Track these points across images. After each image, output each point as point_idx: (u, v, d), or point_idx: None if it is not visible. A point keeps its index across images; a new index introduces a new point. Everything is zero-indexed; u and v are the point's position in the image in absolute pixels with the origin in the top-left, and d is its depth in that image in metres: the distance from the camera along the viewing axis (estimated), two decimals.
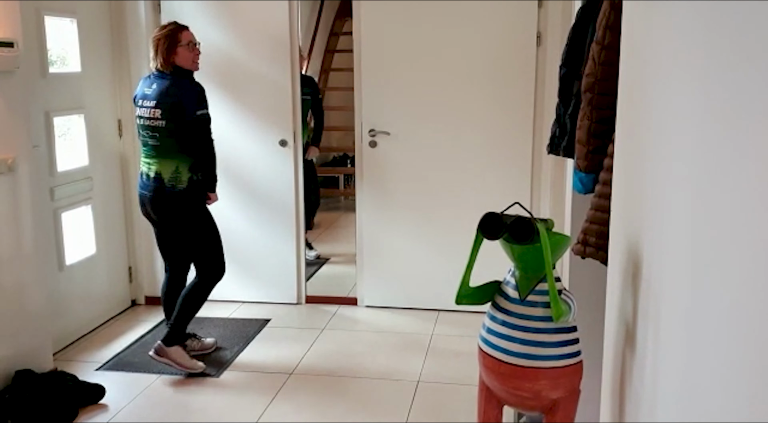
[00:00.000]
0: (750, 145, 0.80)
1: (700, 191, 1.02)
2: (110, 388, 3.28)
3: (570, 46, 2.23)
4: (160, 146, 3.31)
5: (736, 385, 0.83)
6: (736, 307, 0.84)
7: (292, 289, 4.47)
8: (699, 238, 1.02)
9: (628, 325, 1.62)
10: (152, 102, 3.29)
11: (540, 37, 3.98)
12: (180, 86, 3.28)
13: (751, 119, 0.80)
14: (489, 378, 2.11)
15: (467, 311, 4.13)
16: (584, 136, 1.98)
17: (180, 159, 3.31)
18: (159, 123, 3.30)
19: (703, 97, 1.02)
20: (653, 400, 1.32)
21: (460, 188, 4.19)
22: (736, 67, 0.86)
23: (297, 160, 4.34)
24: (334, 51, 7.69)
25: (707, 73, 1.00)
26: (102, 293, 4.20)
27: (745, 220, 0.81)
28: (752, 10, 0.80)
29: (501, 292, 2.10)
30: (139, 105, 3.36)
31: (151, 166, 3.35)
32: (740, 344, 0.82)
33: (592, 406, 2.28)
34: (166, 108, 3.26)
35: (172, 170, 3.31)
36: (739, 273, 0.83)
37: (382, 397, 3.25)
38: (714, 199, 0.94)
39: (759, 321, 0.75)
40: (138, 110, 3.37)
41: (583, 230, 1.98)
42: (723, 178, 0.90)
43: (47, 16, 3.67)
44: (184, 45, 3.31)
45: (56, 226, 3.78)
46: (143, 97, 3.34)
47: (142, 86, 3.39)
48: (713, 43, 0.97)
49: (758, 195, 0.77)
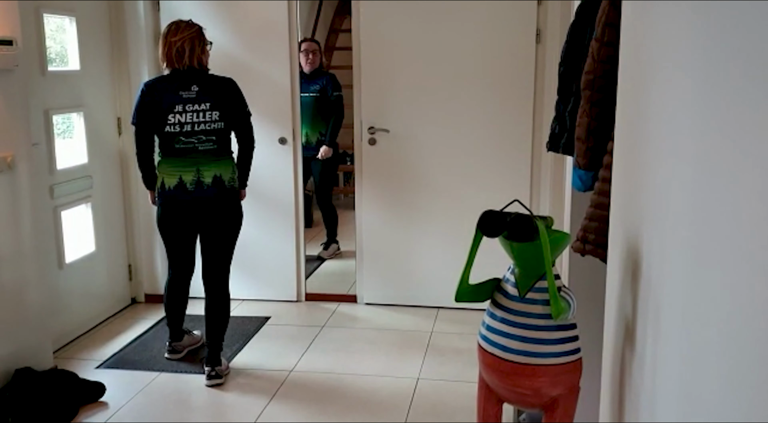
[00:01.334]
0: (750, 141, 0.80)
1: (699, 188, 1.02)
2: (110, 386, 3.28)
3: (569, 44, 2.23)
4: (218, 149, 3.25)
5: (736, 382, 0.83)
6: (736, 304, 0.84)
7: (291, 287, 4.47)
8: (699, 236, 1.02)
9: (628, 323, 1.62)
10: (206, 103, 3.19)
11: (539, 34, 3.98)
12: (229, 84, 3.30)
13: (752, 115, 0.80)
14: (489, 375, 2.11)
15: (467, 309, 4.13)
16: (584, 133, 1.98)
17: (231, 158, 3.36)
18: (217, 125, 3.22)
19: (702, 94, 1.02)
20: (653, 397, 1.32)
21: (459, 185, 4.19)
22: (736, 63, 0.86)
23: (296, 158, 4.35)
24: (334, 48, 7.69)
25: (707, 69, 1.00)
26: (102, 291, 4.20)
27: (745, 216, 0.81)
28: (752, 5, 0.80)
29: (500, 289, 2.10)
30: (178, 111, 3.16)
31: (204, 171, 3.22)
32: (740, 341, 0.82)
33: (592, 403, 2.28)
34: (226, 107, 3.24)
35: (230, 170, 3.31)
36: (738, 270, 0.83)
37: (382, 394, 3.25)
38: (714, 196, 0.94)
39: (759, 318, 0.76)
40: (176, 117, 3.17)
41: (583, 228, 1.98)
42: (723, 175, 0.90)
43: (46, 14, 3.67)
44: (209, 44, 3.35)
45: (56, 224, 3.78)
46: (185, 102, 3.17)
47: (167, 91, 3.18)
48: (713, 39, 0.97)
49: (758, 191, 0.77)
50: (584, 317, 2.34)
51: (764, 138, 0.75)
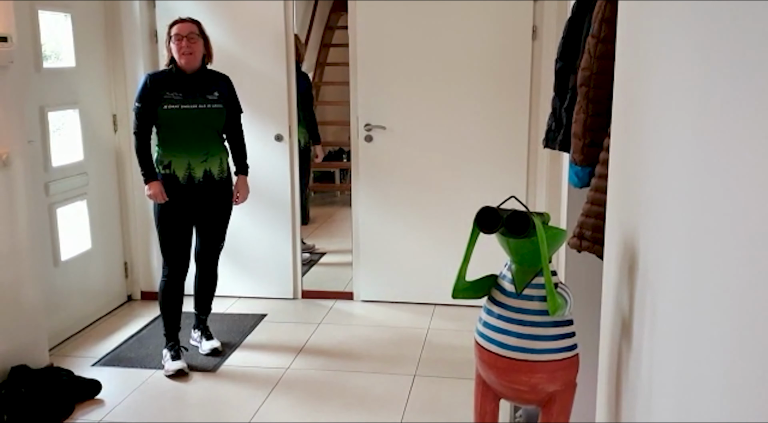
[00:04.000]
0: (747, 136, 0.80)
1: (696, 184, 1.02)
2: (106, 384, 3.27)
3: (566, 40, 2.23)
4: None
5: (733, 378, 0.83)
6: (733, 300, 0.84)
7: (288, 284, 4.47)
8: (695, 231, 1.02)
9: (624, 319, 1.62)
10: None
11: (535, 31, 3.98)
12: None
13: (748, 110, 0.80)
14: (486, 372, 2.11)
15: (463, 305, 4.13)
16: (580, 129, 1.98)
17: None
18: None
19: (699, 90, 1.02)
20: (649, 393, 1.33)
21: (455, 182, 4.19)
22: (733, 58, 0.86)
23: (293, 155, 4.34)
24: (330, 45, 7.67)
25: (703, 65, 1.00)
26: (98, 288, 4.19)
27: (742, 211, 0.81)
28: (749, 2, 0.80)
29: (497, 285, 2.10)
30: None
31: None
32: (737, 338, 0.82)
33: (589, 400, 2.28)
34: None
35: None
36: (735, 265, 0.83)
37: (379, 391, 3.26)
38: (710, 192, 0.94)
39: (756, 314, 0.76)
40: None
41: (579, 224, 1.98)
42: (719, 171, 0.90)
43: (41, 10, 3.66)
44: None
45: (51, 221, 3.77)
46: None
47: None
48: (710, 36, 0.97)
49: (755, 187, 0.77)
50: (581, 313, 2.34)
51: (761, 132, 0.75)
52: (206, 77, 3.44)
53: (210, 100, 3.41)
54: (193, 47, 3.36)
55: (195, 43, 3.36)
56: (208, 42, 3.46)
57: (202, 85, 3.40)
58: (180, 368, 3.40)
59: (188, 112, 3.35)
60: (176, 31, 3.35)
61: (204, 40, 3.43)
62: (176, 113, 3.33)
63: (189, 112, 3.36)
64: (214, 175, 3.45)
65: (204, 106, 3.38)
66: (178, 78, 3.37)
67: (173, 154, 3.37)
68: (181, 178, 3.38)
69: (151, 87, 3.32)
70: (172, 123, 3.35)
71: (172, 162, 3.38)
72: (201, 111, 3.38)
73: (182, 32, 3.34)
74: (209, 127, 3.42)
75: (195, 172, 3.40)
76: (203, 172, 3.41)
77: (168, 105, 3.32)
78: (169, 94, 3.34)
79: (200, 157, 3.40)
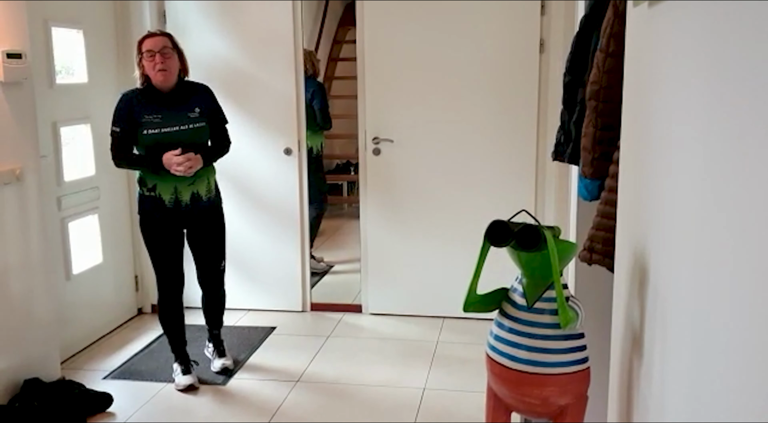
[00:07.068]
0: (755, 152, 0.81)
1: (705, 197, 1.03)
2: (117, 397, 3.29)
3: (574, 54, 2.24)
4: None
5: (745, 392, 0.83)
6: (743, 312, 0.84)
7: (297, 297, 4.48)
8: (705, 244, 1.03)
9: (635, 331, 1.63)
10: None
11: (543, 44, 4.00)
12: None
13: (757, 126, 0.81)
14: (497, 385, 2.12)
15: (472, 318, 4.13)
16: (589, 143, 1.99)
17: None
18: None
19: (708, 104, 1.03)
20: (661, 407, 1.33)
21: (463, 195, 4.20)
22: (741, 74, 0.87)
23: (302, 169, 4.36)
24: (338, 59, 7.73)
25: (712, 79, 1.01)
26: (109, 302, 4.21)
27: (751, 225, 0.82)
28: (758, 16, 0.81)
29: (508, 299, 2.11)
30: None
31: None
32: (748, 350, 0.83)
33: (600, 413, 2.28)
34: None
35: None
36: (745, 278, 0.84)
37: (388, 404, 3.25)
38: (720, 205, 0.95)
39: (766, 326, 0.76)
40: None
41: (590, 237, 1.99)
42: (729, 184, 0.91)
43: (54, 27, 3.70)
44: None
45: (63, 235, 3.79)
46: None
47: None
48: (717, 50, 0.98)
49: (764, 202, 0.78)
50: (592, 326, 2.35)
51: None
52: (185, 92, 3.27)
53: (191, 119, 3.24)
54: (168, 63, 3.17)
55: (169, 58, 3.17)
56: (182, 55, 3.27)
57: (181, 103, 3.23)
58: (190, 383, 3.40)
59: (170, 136, 3.18)
60: (148, 46, 3.17)
61: (178, 54, 3.24)
62: (158, 137, 3.17)
63: (171, 136, 3.18)
64: (202, 196, 3.33)
65: (186, 127, 3.21)
66: (155, 97, 3.20)
67: (157, 178, 3.22)
68: (167, 201, 3.25)
69: (127, 109, 3.18)
70: (153, 148, 3.17)
71: (156, 185, 3.23)
72: (183, 132, 3.20)
73: (155, 47, 3.16)
74: (192, 148, 3.20)
75: (182, 195, 3.27)
76: (190, 194, 3.29)
77: (148, 129, 3.16)
78: (147, 117, 3.17)
79: (187, 180, 3.24)
